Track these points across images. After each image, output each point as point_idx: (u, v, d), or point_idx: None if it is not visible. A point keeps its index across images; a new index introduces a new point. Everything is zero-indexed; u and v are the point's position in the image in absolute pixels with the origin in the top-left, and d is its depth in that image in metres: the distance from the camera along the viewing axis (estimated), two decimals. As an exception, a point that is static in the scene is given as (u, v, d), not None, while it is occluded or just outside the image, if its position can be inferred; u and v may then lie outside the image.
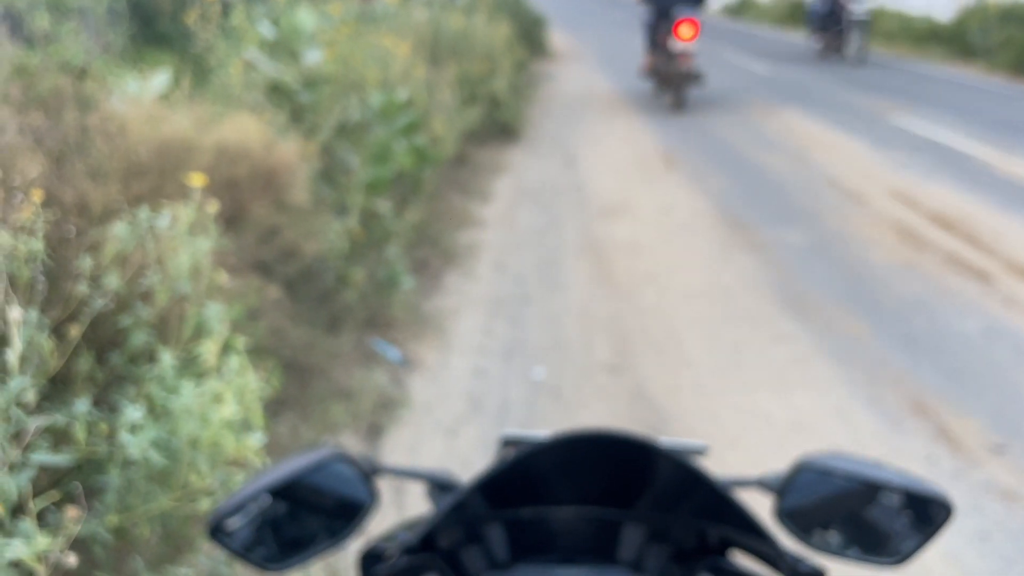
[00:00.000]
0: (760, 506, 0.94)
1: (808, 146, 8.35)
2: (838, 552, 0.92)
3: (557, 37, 18.10)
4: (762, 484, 0.98)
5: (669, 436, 3.03)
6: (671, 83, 9.69)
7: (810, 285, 4.70)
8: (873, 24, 16.21)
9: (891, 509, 0.92)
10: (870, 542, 0.92)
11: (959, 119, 9.41)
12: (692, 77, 9.44)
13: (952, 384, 3.57)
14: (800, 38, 18.48)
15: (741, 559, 0.95)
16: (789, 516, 0.93)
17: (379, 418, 3.18)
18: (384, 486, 0.99)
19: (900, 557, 0.91)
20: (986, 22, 14.39)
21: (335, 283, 3.86)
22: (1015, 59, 13.08)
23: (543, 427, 3.01)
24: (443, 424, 3.23)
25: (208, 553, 2.03)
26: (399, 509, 2.62)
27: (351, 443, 3.03)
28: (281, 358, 3.12)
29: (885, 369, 3.70)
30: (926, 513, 0.90)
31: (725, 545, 0.95)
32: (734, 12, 27.26)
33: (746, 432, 3.21)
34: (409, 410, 3.29)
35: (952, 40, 15.55)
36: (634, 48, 18.14)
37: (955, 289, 4.61)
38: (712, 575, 0.93)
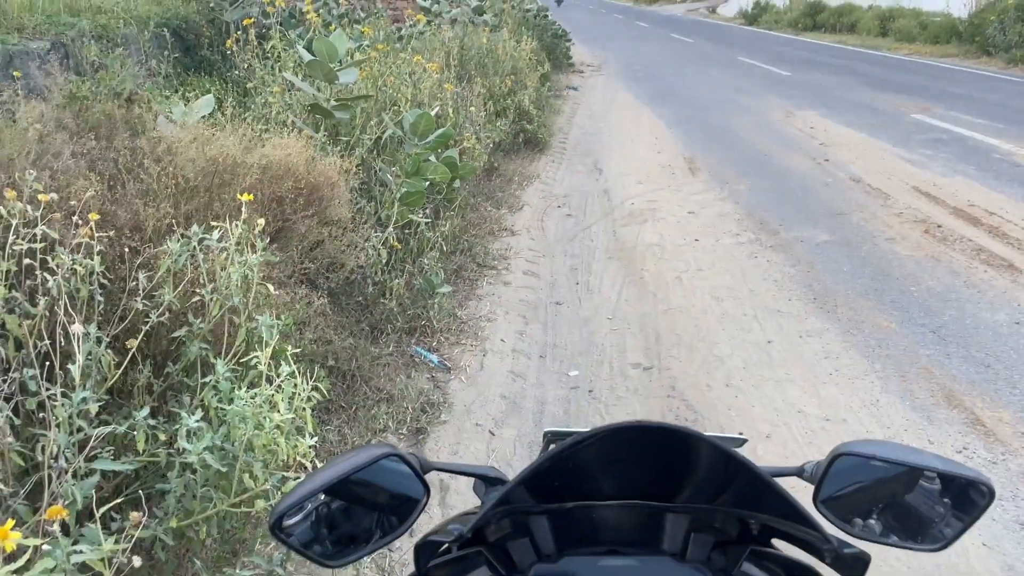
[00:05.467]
0: (799, 496, 0.95)
1: (830, 145, 8.31)
2: (878, 539, 0.92)
3: (580, 50, 18.22)
4: (801, 473, 0.99)
5: (703, 432, 3.07)
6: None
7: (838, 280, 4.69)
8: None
9: (931, 494, 0.91)
10: (910, 528, 0.91)
11: (980, 113, 9.35)
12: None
13: (984, 375, 3.56)
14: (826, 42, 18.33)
15: (783, 547, 0.96)
16: (828, 504, 0.92)
17: (421, 420, 3.24)
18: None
19: (941, 543, 0.90)
20: (1003, 16, 14.24)
21: (375, 292, 3.94)
22: (1034, 52, 13.00)
23: (580, 426, 3.05)
24: (483, 425, 3.29)
25: (265, 554, 2.10)
26: (442, 508, 2.68)
27: (396, 445, 3.10)
28: (327, 365, 3.20)
29: (916, 362, 3.70)
30: (967, 498, 0.88)
31: (767, 534, 0.96)
32: (750, 19, 27.24)
33: (779, 427, 3.23)
34: (450, 412, 3.36)
35: (970, 36, 15.43)
36: (651, 55, 18.16)
37: (983, 281, 4.58)
38: (755, 563, 0.93)
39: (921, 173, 6.98)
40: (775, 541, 0.97)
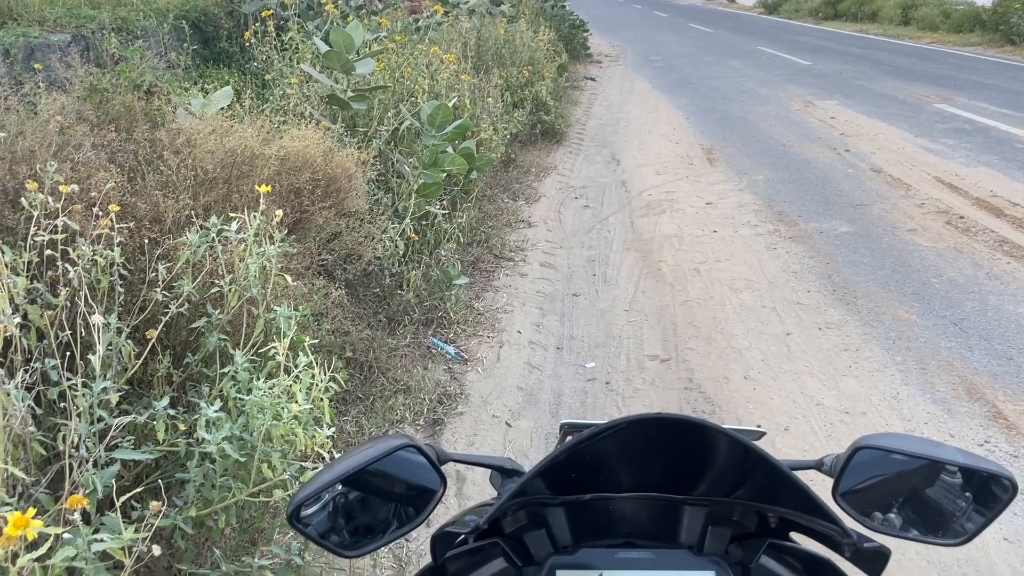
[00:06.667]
0: (818, 489, 0.94)
1: (850, 135, 8.24)
2: (898, 533, 0.90)
3: (598, 40, 18.16)
4: (820, 466, 0.97)
5: (720, 424, 3.06)
6: None
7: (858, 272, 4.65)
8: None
9: (952, 488, 0.89)
10: (931, 522, 0.90)
11: (1004, 103, 9.26)
12: None
13: (1006, 367, 3.52)
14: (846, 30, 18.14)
15: (802, 541, 0.94)
16: (848, 497, 0.91)
17: (438, 412, 3.25)
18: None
19: (963, 537, 0.88)
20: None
21: (392, 284, 3.96)
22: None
23: (597, 418, 3.05)
24: (499, 416, 3.30)
25: (283, 543, 2.11)
26: (459, 499, 2.69)
27: (413, 436, 3.11)
28: (344, 356, 3.21)
29: (937, 354, 3.67)
30: (988, 492, 0.87)
31: (786, 527, 0.95)
32: (769, 8, 27.05)
33: (797, 419, 3.21)
34: (466, 404, 3.36)
35: (993, 25, 15.26)
36: (669, 45, 18.04)
37: (1006, 273, 4.53)
38: (774, 557, 0.93)
39: (943, 163, 6.90)
40: (793, 534, 0.96)
